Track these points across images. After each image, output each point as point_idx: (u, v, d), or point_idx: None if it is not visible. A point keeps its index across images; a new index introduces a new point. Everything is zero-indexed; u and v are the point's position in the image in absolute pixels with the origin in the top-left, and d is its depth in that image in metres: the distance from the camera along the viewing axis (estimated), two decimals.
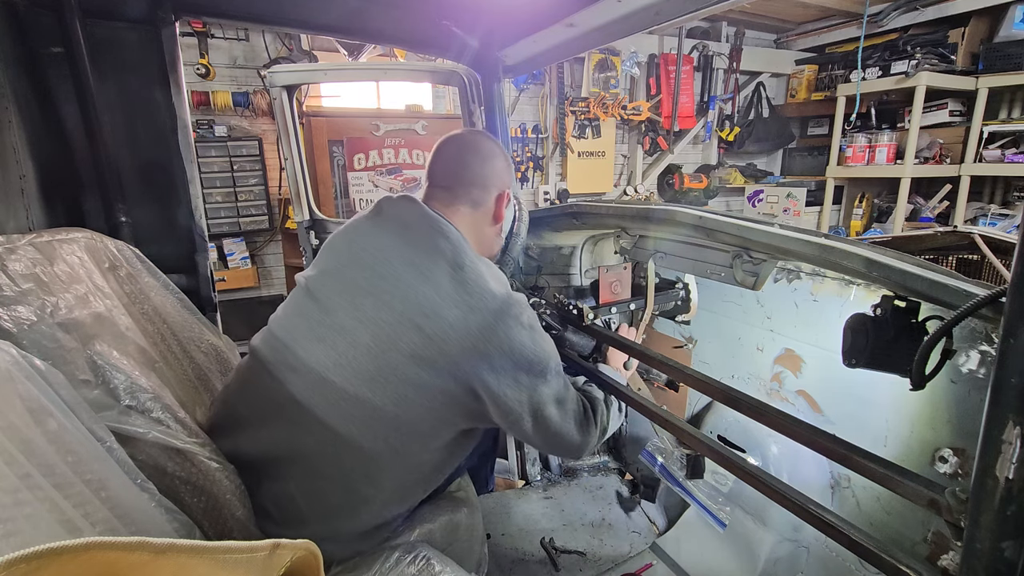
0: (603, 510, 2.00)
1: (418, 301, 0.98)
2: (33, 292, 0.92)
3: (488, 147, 1.23)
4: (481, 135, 1.28)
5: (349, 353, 0.99)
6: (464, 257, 1.04)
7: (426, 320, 0.97)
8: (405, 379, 0.97)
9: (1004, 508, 0.56)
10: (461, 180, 1.19)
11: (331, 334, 1.02)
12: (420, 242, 1.06)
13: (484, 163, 1.21)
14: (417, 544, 1.09)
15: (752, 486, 0.97)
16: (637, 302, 1.59)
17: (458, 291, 0.99)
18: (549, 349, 1.07)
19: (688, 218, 1.32)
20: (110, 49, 1.37)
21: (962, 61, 4.52)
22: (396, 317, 0.98)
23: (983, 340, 0.93)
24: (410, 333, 0.97)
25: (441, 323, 0.96)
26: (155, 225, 1.52)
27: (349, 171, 3.73)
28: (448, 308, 0.97)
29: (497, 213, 1.22)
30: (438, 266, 1.01)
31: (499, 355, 0.98)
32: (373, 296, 1.02)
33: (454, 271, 1.01)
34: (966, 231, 2.12)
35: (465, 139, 1.25)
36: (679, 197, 5.62)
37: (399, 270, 1.02)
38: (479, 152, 1.22)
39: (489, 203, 1.21)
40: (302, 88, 3.03)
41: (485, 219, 1.22)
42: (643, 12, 1.35)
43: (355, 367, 0.98)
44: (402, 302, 0.99)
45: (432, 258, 1.03)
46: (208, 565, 0.47)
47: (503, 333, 0.98)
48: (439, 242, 1.05)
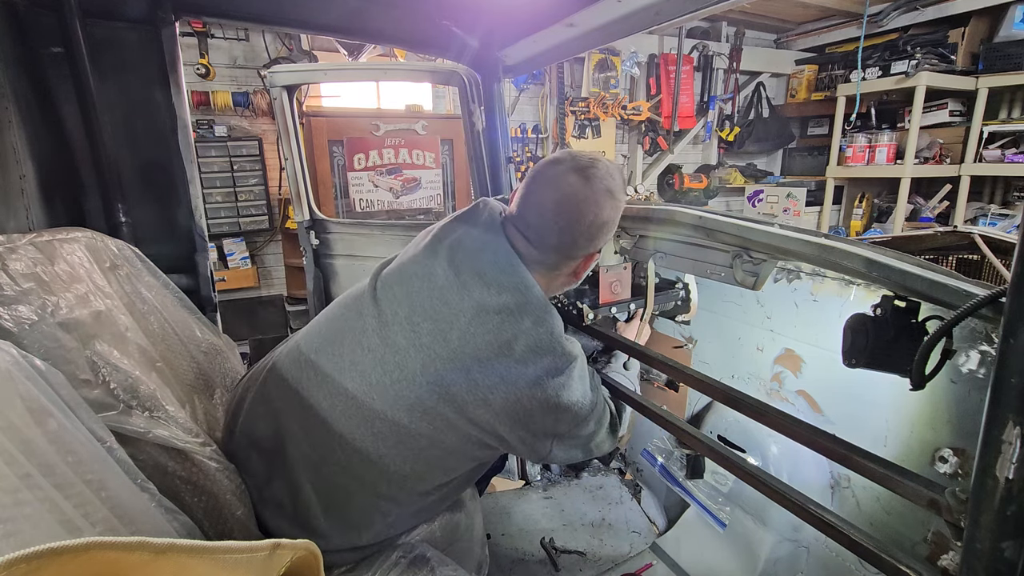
0: (603, 510, 2.00)
1: (476, 345, 0.94)
2: (34, 292, 0.92)
3: (601, 214, 1.01)
4: (592, 186, 1.00)
5: (395, 374, 0.96)
6: (531, 308, 0.96)
7: (478, 366, 0.93)
8: (443, 417, 0.96)
9: (1004, 508, 0.56)
10: (543, 240, 1.03)
11: (382, 348, 0.98)
12: (490, 279, 0.97)
13: (579, 232, 1.02)
14: (417, 544, 1.10)
15: (752, 486, 0.97)
16: (637, 302, 1.59)
17: (517, 339, 0.94)
18: (592, 398, 1.04)
19: (688, 218, 1.32)
20: (110, 49, 1.37)
21: (962, 61, 4.52)
22: (450, 353, 0.94)
23: (983, 340, 0.93)
24: (458, 375, 0.94)
25: (491, 375, 0.93)
26: (155, 225, 1.52)
27: (349, 171, 3.73)
28: (502, 358, 0.93)
29: (576, 272, 1.11)
30: (503, 309, 0.95)
31: (542, 413, 0.97)
32: (432, 322, 0.96)
33: (518, 321, 0.95)
34: (966, 231, 2.12)
35: (568, 191, 1.00)
36: (679, 197, 5.62)
37: (465, 306, 0.95)
38: (577, 215, 1.00)
39: (571, 267, 1.08)
40: (302, 88, 3.03)
41: (562, 277, 1.11)
42: (643, 12, 1.35)
43: (397, 391, 0.96)
44: (460, 340, 0.94)
45: (500, 295, 0.96)
46: (208, 565, 0.47)
47: (552, 392, 0.95)
48: (513, 285, 0.97)
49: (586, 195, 1.00)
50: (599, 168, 1.03)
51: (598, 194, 1.01)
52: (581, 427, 1.04)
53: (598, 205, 1.01)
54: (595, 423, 1.07)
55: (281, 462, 1.02)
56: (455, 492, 1.18)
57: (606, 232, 1.06)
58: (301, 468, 1.01)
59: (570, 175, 1.01)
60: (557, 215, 1.01)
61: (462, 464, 1.07)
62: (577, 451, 1.09)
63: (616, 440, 1.17)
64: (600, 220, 1.02)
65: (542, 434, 1.00)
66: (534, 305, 0.97)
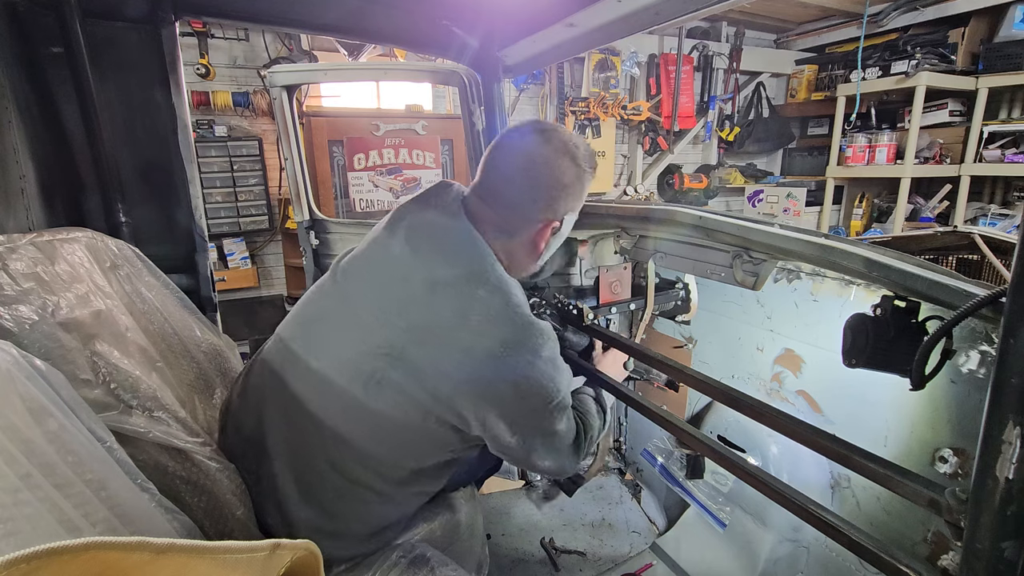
0: (603, 510, 2.00)
1: (433, 318, 0.93)
2: (34, 291, 0.92)
3: (559, 173, 1.02)
4: (562, 156, 1.02)
5: (360, 347, 0.97)
6: (485, 278, 0.95)
7: (435, 338, 0.93)
8: (403, 392, 0.94)
9: (1004, 508, 0.56)
10: (500, 199, 1.03)
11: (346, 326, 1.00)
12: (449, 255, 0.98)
13: (535, 189, 1.02)
14: (417, 544, 1.10)
15: (752, 486, 0.97)
16: (637, 302, 1.59)
17: (472, 314, 0.92)
18: (561, 385, 1.00)
19: (688, 218, 1.32)
20: (110, 49, 1.37)
21: (962, 61, 4.52)
22: (409, 326, 0.94)
23: (983, 340, 0.93)
24: (417, 348, 0.93)
25: (450, 347, 0.92)
26: (155, 225, 1.52)
27: (349, 171, 3.73)
28: (460, 332, 0.92)
29: (535, 240, 1.06)
30: (457, 288, 0.94)
31: (506, 390, 0.93)
32: (393, 299, 0.98)
33: (472, 291, 0.94)
34: (966, 231, 2.12)
35: (534, 156, 1.02)
36: (679, 197, 5.62)
37: (422, 280, 0.96)
38: (541, 175, 1.02)
39: (530, 231, 1.05)
40: (302, 88, 3.03)
41: (520, 247, 1.07)
42: (643, 12, 1.34)
43: (358, 364, 0.96)
44: (418, 313, 0.94)
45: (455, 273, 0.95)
46: (208, 565, 0.47)
47: (512, 368, 0.92)
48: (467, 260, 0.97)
49: (544, 153, 1.02)
50: (560, 132, 1.05)
51: (557, 153, 1.02)
52: (544, 416, 0.99)
53: (557, 165, 1.02)
54: (560, 420, 1.01)
55: (264, 451, 1.03)
56: (432, 483, 1.12)
57: (566, 197, 1.04)
58: (281, 454, 1.02)
59: (530, 135, 1.04)
60: (515, 171, 1.03)
61: (432, 450, 1.03)
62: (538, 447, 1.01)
63: (578, 459, 1.10)
64: (558, 179, 1.02)
65: (500, 416, 0.95)
66: (488, 275, 0.96)
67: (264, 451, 1.03)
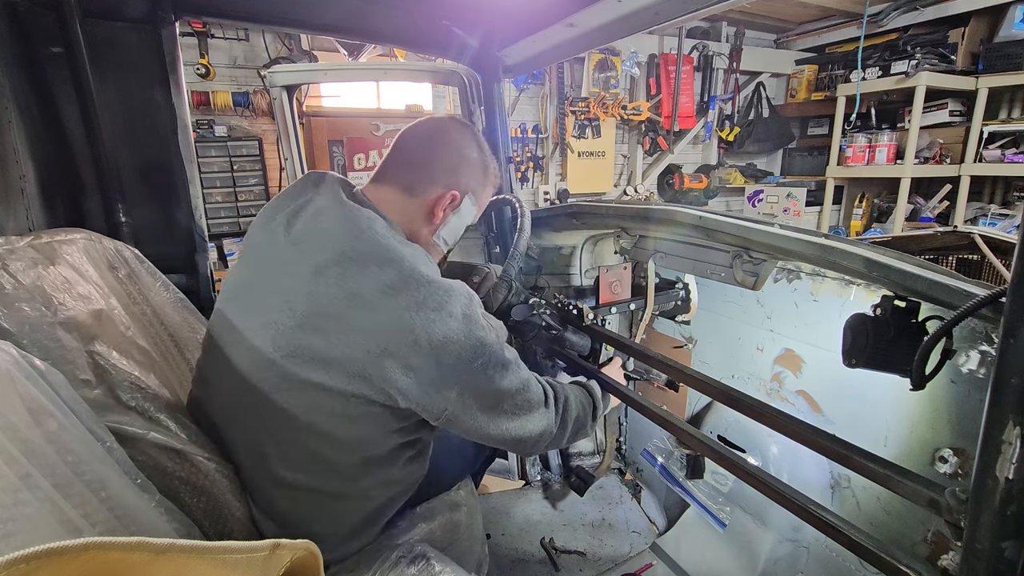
0: (603, 510, 2.00)
1: (322, 303, 0.86)
2: (34, 292, 0.92)
3: (460, 141, 1.08)
4: (464, 129, 1.11)
5: (252, 357, 0.91)
6: (376, 245, 0.89)
7: (328, 322, 0.85)
8: (311, 383, 0.87)
9: (1004, 508, 0.56)
10: (399, 160, 1.07)
11: (238, 335, 0.94)
12: (327, 230, 0.92)
13: (442, 150, 1.06)
14: (417, 544, 1.09)
15: (752, 486, 0.97)
16: (637, 302, 1.59)
17: (366, 286, 0.86)
18: (487, 339, 0.91)
19: (688, 218, 1.32)
20: (110, 49, 1.37)
21: (962, 61, 4.52)
22: (298, 321, 0.87)
23: (983, 340, 0.93)
24: (312, 337, 0.86)
25: (345, 327, 0.85)
26: (155, 225, 1.52)
27: (349, 171, 3.74)
28: (352, 308, 0.85)
29: (432, 210, 1.05)
30: (343, 257, 0.88)
31: (417, 353, 0.85)
32: (277, 296, 0.90)
33: (363, 263, 0.87)
34: (966, 231, 2.12)
35: (439, 123, 1.10)
36: (679, 197, 5.63)
37: (305, 269, 0.89)
38: (441, 138, 1.08)
39: (425, 195, 1.04)
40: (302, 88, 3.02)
41: (417, 211, 1.05)
42: (643, 12, 1.34)
43: (259, 373, 0.90)
44: (306, 304, 0.87)
45: (335, 246, 0.89)
46: (208, 565, 0.47)
47: (423, 328, 0.84)
48: (347, 229, 0.92)
49: (454, 127, 1.10)
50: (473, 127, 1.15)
51: (465, 132, 1.10)
52: (476, 377, 0.91)
53: (463, 139, 1.09)
54: (500, 377, 0.94)
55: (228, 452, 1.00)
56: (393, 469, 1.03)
57: (469, 171, 1.08)
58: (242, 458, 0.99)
59: (436, 117, 1.14)
60: (421, 137, 1.09)
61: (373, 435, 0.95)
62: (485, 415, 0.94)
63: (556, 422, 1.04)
64: (461, 150, 1.08)
65: (427, 383, 0.87)
66: (375, 248, 0.89)
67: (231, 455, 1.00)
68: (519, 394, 0.99)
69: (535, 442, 1.04)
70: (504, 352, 0.97)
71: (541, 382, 1.07)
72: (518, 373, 0.99)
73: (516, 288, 1.46)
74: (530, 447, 1.05)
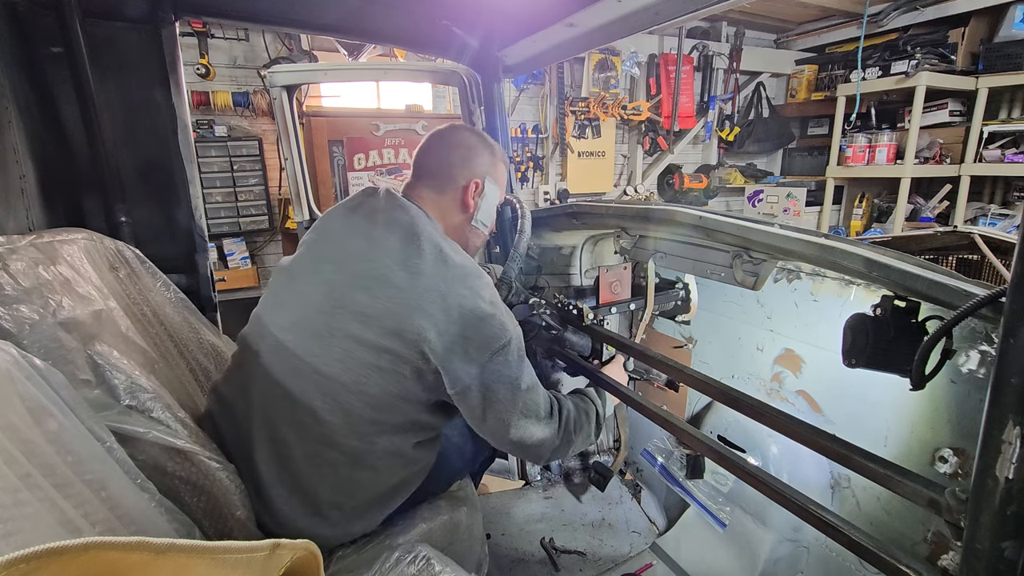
0: (603, 510, 2.01)
1: (370, 265, 1.03)
2: (34, 292, 0.92)
3: (462, 138, 1.25)
4: (461, 129, 1.29)
5: (300, 311, 1.06)
6: (420, 229, 1.07)
7: (374, 282, 1.01)
8: (350, 335, 0.99)
9: (1004, 508, 0.56)
10: (425, 167, 1.24)
11: (290, 297, 1.11)
12: (380, 217, 1.11)
13: (451, 151, 1.23)
14: (417, 544, 1.09)
15: (752, 486, 0.97)
16: (637, 302, 1.59)
17: (409, 257, 1.02)
18: (511, 328, 1.04)
19: (688, 218, 1.32)
20: (110, 49, 1.37)
21: (962, 61, 4.52)
22: (347, 278, 1.04)
23: (983, 340, 0.93)
24: (358, 294, 1.01)
25: (388, 285, 1.00)
26: (155, 225, 1.52)
27: (349, 171, 3.73)
28: (396, 271, 1.01)
29: (464, 201, 1.22)
30: (392, 234, 1.06)
31: (447, 319, 0.98)
32: (332, 263, 1.09)
33: (408, 240, 1.05)
34: (966, 231, 2.12)
35: (441, 132, 1.28)
36: (679, 197, 5.62)
37: (358, 241, 1.09)
38: (447, 142, 1.25)
39: (455, 190, 1.21)
40: (302, 88, 3.02)
41: (452, 206, 1.21)
42: (643, 12, 1.35)
43: (304, 325, 1.04)
44: (357, 263, 1.05)
45: (388, 228, 1.08)
46: (208, 565, 0.47)
47: (455, 299, 0.99)
48: (396, 214, 1.10)
49: (452, 130, 1.27)
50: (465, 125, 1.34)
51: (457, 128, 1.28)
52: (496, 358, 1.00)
53: (459, 134, 1.25)
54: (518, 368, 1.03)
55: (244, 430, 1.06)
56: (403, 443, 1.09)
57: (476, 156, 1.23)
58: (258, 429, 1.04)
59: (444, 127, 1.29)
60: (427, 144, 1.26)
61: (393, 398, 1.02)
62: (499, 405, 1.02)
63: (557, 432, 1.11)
64: (462, 143, 1.23)
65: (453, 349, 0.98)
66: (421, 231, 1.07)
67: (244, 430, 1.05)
68: (529, 392, 1.07)
69: (537, 447, 1.10)
70: (522, 344, 1.08)
71: (548, 395, 1.15)
72: (531, 373, 1.09)
73: (516, 288, 1.47)
74: (532, 452, 1.11)
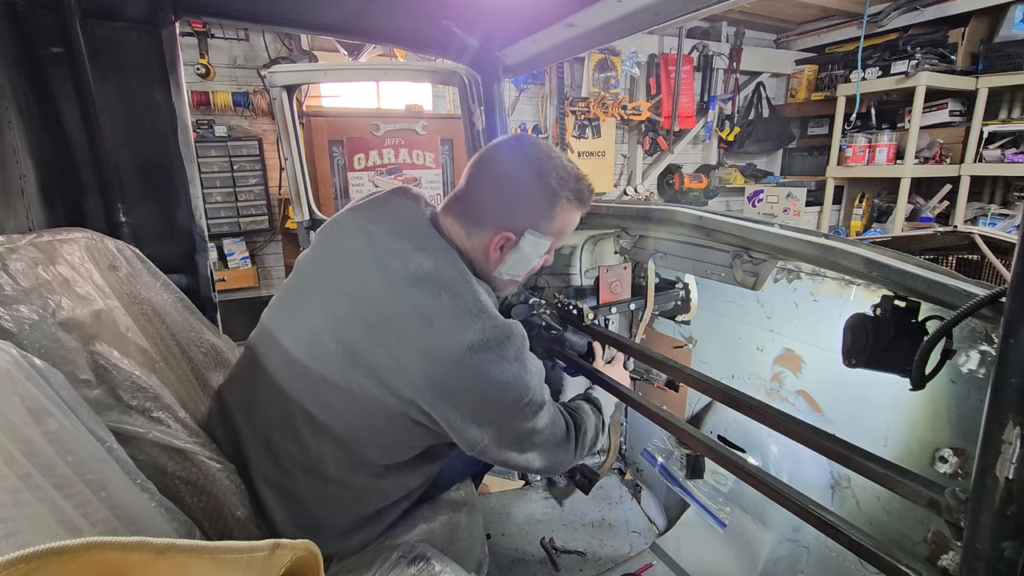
0: (603, 510, 2.00)
1: (394, 321, 0.91)
2: (34, 292, 0.92)
3: (512, 173, 1.03)
4: (520, 157, 1.04)
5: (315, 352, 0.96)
6: (445, 280, 0.93)
7: (396, 341, 0.90)
8: (364, 389, 0.92)
9: (1004, 508, 0.56)
10: (463, 193, 1.06)
11: (300, 326, 1.01)
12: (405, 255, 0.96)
13: (493, 188, 1.03)
14: (417, 544, 1.09)
15: (752, 486, 0.97)
16: (637, 302, 1.59)
17: (437, 320, 0.90)
18: (531, 382, 0.97)
19: (688, 218, 1.32)
20: (110, 49, 1.37)
21: (962, 61, 4.52)
22: (368, 332, 0.92)
23: (983, 340, 0.93)
24: (378, 350, 0.91)
25: (410, 349, 0.90)
26: (155, 225, 1.51)
27: (349, 171, 3.73)
28: (421, 335, 0.90)
29: (486, 251, 1.04)
30: (415, 287, 0.93)
31: (471, 392, 0.91)
32: (346, 296, 0.96)
33: (430, 293, 0.92)
34: (966, 231, 2.12)
35: (494, 155, 1.06)
36: (679, 197, 5.62)
37: (377, 284, 0.95)
38: (492, 173, 1.04)
39: (481, 238, 1.03)
40: (302, 88, 3.03)
41: (477, 250, 1.05)
42: (643, 12, 1.34)
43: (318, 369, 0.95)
44: (378, 317, 0.93)
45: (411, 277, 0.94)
46: (208, 565, 0.47)
47: (479, 371, 0.90)
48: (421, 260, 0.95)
49: (511, 160, 1.03)
50: (539, 148, 1.04)
51: (524, 164, 1.02)
52: (516, 415, 0.96)
53: (519, 175, 1.02)
54: (536, 417, 1.00)
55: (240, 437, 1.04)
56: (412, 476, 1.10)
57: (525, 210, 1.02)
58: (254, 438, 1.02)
59: (510, 144, 1.08)
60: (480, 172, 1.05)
61: (402, 447, 1.01)
62: (519, 449, 1.00)
63: (573, 454, 1.09)
64: (516, 188, 1.02)
65: (469, 417, 0.93)
66: (451, 274, 0.94)
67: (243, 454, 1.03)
68: (547, 430, 1.04)
69: (557, 468, 1.11)
70: (542, 394, 1.01)
71: (563, 414, 1.12)
72: (549, 411, 1.04)
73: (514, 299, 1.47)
74: (552, 472, 1.13)
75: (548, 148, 1.05)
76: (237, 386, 1.10)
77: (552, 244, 1.08)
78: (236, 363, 1.17)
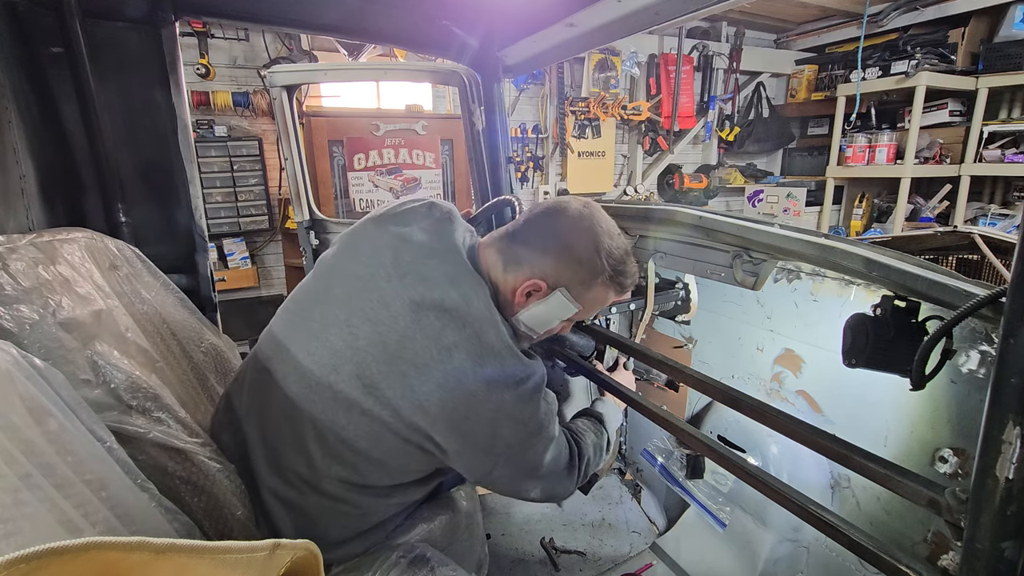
0: (603, 510, 2.00)
1: (414, 350, 0.90)
2: (34, 292, 0.92)
3: (570, 231, 1.00)
4: (578, 215, 1.02)
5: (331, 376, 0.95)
6: (473, 316, 0.92)
7: (415, 371, 0.90)
8: (379, 419, 0.92)
9: (1004, 508, 0.56)
10: (512, 230, 1.05)
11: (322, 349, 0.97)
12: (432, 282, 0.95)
13: (545, 235, 1.01)
14: (417, 544, 1.09)
15: (752, 486, 0.97)
16: (637, 302, 1.59)
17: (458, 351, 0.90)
18: (545, 419, 0.99)
19: (688, 218, 1.32)
20: (110, 49, 1.37)
21: (962, 61, 4.52)
22: (387, 359, 0.91)
23: (983, 340, 0.93)
24: (395, 379, 0.91)
25: (428, 381, 0.89)
26: (155, 225, 1.51)
27: (349, 171, 3.73)
28: (440, 367, 0.89)
29: (513, 293, 1.02)
30: (439, 319, 0.92)
31: (480, 425, 0.92)
32: (371, 325, 0.94)
33: (459, 329, 0.91)
34: (966, 231, 2.12)
35: (563, 209, 1.03)
36: (679, 197, 5.62)
37: (406, 309, 0.93)
38: (551, 223, 1.02)
39: (515, 278, 1.02)
40: (302, 88, 3.03)
41: (506, 288, 1.03)
42: (643, 12, 1.34)
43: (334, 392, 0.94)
44: (398, 344, 0.92)
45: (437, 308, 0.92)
46: (208, 565, 0.47)
47: (496, 408, 0.91)
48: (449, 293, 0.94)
49: (573, 220, 1.02)
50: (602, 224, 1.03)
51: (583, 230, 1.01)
52: (527, 450, 0.98)
53: (576, 236, 1.01)
54: (546, 452, 1.01)
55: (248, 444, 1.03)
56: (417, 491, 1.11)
57: (567, 268, 1.00)
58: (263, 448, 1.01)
59: (578, 208, 1.04)
60: (539, 216, 1.05)
61: (411, 471, 1.03)
62: (522, 481, 1.03)
63: (573, 483, 1.10)
64: (568, 244, 1.00)
65: (481, 451, 0.95)
66: (476, 312, 0.93)
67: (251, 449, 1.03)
68: (552, 463, 1.04)
69: (554, 499, 1.15)
70: (553, 428, 1.03)
71: (569, 442, 1.12)
72: (557, 442, 1.05)
73: None
74: (556, 499, 1.15)
75: (612, 226, 1.05)
76: (247, 392, 1.08)
77: (577, 314, 1.06)
78: (245, 365, 1.13)
